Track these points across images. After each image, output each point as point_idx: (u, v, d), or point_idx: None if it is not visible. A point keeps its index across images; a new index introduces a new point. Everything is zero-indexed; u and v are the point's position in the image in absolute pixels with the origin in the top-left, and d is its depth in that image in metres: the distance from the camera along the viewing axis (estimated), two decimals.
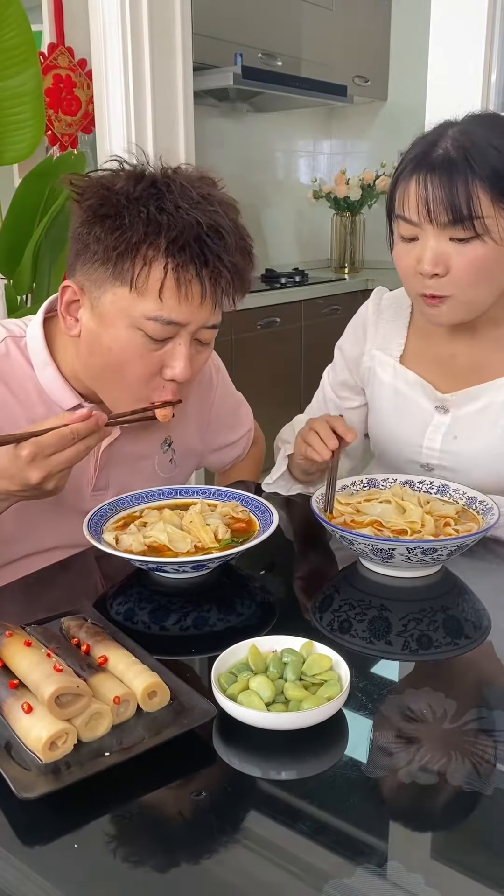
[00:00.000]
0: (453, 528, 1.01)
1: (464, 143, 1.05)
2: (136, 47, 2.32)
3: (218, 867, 0.59)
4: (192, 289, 0.99)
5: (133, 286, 0.98)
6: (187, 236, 0.96)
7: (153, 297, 0.98)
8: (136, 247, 0.97)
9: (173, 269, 0.97)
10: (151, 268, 0.97)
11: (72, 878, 0.58)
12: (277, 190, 4.33)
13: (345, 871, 0.57)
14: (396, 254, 1.15)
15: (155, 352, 1.02)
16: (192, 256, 0.97)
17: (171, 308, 0.99)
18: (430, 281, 1.09)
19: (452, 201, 1.03)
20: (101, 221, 0.98)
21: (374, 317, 1.34)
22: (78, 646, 0.80)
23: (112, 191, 0.99)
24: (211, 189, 1.03)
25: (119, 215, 0.97)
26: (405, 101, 4.18)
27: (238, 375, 1.20)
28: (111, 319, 1.01)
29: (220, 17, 3.22)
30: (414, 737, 0.72)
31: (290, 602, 1.01)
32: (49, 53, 2.52)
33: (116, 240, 0.97)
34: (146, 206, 0.97)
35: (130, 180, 0.99)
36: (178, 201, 0.98)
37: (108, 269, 0.99)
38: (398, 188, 1.10)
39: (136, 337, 1.01)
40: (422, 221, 1.07)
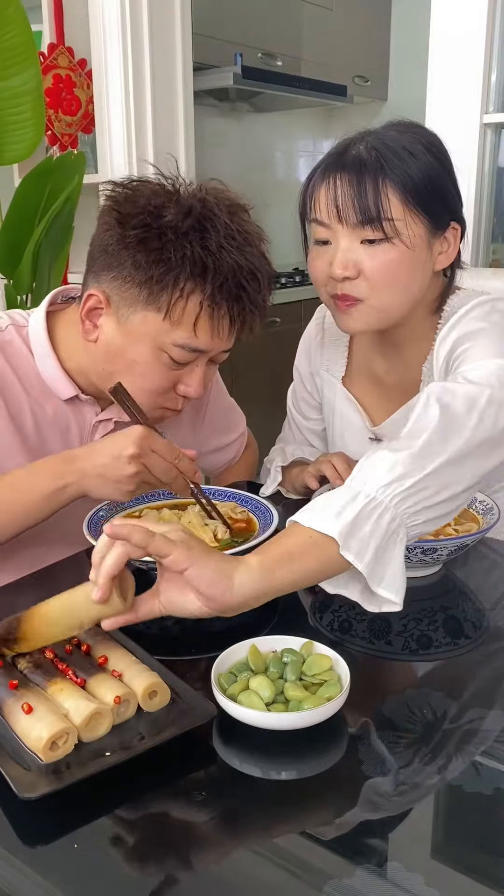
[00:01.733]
0: (453, 528, 1.01)
1: (376, 146, 1.03)
2: (136, 47, 2.32)
3: (218, 867, 0.59)
4: (223, 324, 1.03)
5: (168, 315, 1.01)
6: (228, 283, 1.01)
7: (187, 328, 1.02)
8: (177, 281, 0.99)
9: (209, 305, 1.01)
10: (188, 301, 1.00)
11: (72, 878, 0.58)
12: (277, 190, 4.32)
13: (345, 871, 0.57)
14: (310, 258, 1.12)
15: (174, 371, 1.06)
16: (229, 297, 1.02)
17: (202, 340, 1.03)
18: (343, 283, 1.06)
19: (361, 201, 1.01)
20: (147, 253, 0.99)
21: (318, 338, 1.33)
22: (78, 646, 0.80)
23: (159, 222, 0.99)
24: (248, 224, 1.06)
25: (164, 249, 0.99)
26: (405, 101, 4.17)
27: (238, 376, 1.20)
28: (138, 338, 1.04)
29: (220, 17, 3.21)
30: (414, 737, 0.72)
31: (290, 602, 1.01)
32: (49, 53, 2.52)
33: (160, 273, 0.99)
34: (191, 243, 0.99)
35: (179, 214, 1.00)
36: (222, 241, 1.00)
37: (142, 294, 1.01)
38: (310, 190, 1.09)
39: (160, 357, 1.04)
40: (332, 222, 1.05)
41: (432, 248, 1.06)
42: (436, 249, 1.07)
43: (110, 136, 2.42)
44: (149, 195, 1.02)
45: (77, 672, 0.74)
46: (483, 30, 1.92)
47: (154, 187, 1.04)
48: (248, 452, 1.51)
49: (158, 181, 1.05)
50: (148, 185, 1.04)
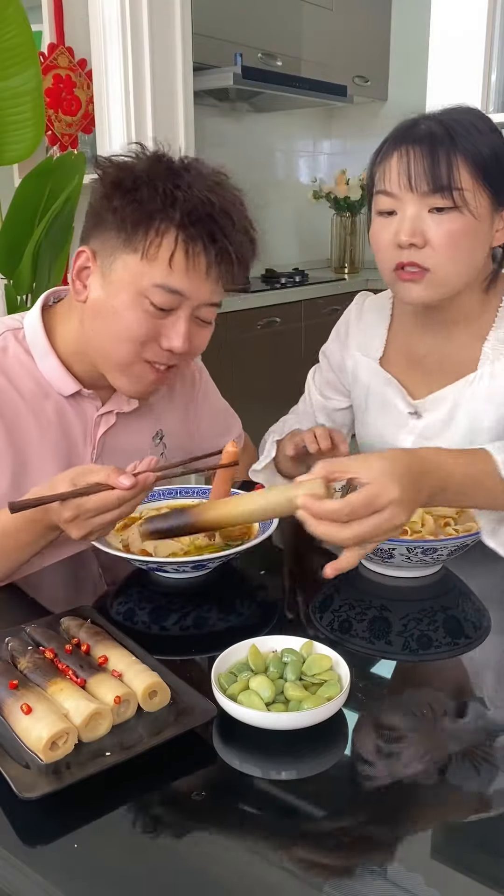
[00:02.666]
0: (453, 528, 1.01)
1: (444, 120, 1.08)
2: (136, 47, 2.32)
3: (218, 867, 0.59)
4: (199, 261, 1.03)
5: (144, 255, 1.03)
6: (200, 212, 1.02)
7: (163, 265, 1.03)
8: (151, 217, 1.02)
9: (184, 240, 1.02)
10: (163, 238, 1.02)
11: (72, 878, 0.58)
12: (277, 190, 4.33)
13: (345, 871, 0.57)
14: (373, 230, 1.15)
15: (157, 320, 1.06)
16: (202, 232, 1.02)
17: (178, 277, 1.03)
18: (409, 251, 1.09)
19: (434, 169, 1.06)
20: (121, 195, 1.03)
21: (356, 319, 1.35)
22: (78, 646, 0.80)
23: (133, 169, 1.05)
24: (224, 178, 1.09)
25: (137, 189, 1.03)
26: (405, 101, 4.15)
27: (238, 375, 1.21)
28: (120, 285, 1.05)
29: (220, 17, 3.21)
30: (414, 737, 0.72)
31: (290, 602, 1.01)
32: (49, 53, 2.52)
33: (133, 211, 1.02)
34: (164, 183, 1.03)
35: (154, 163, 1.06)
36: (194, 182, 1.04)
37: (121, 238, 1.04)
38: (378, 165, 1.13)
39: (141, 304, 1.05)
40: (402, 191, 1.08)
41: (493, 223, 1.11)
42: (495, 225, 1.12)
43: (110, 136, 2.42)
44: (128, 154, 1.08)
45: (77, 672, 0.74)
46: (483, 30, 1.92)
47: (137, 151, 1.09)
48: (245, 455, 1.51)
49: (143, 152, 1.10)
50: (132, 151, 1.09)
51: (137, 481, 0.90)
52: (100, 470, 0.91)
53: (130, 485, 0.89)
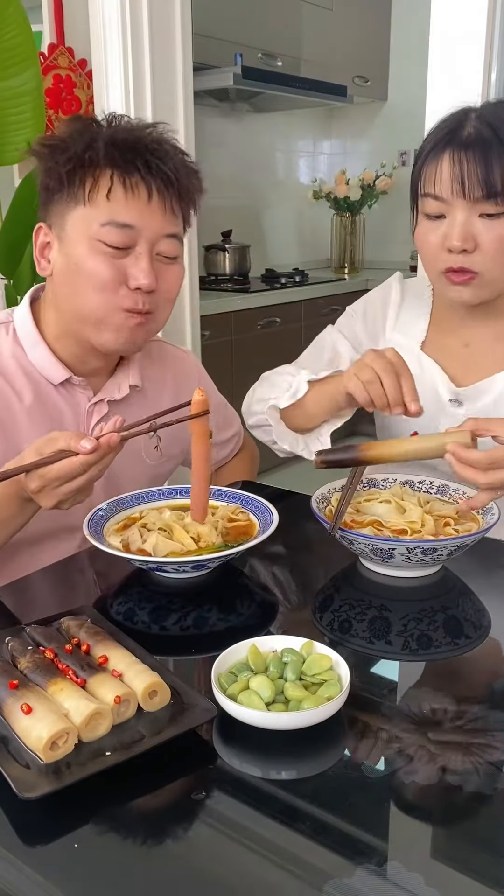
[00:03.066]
0: (453, 528, 1.01)
1: (492, 122, 1.08)
2: (136, 47, 2.32)
3: (218, 867, 0.59)
4: (139, 189, 1.06)
5: (87, 201, 1.06)
6: (127, 141, 1.06)
7: (104, 203, 1.06)
8: (81, 161, 1.05)
9: (118, 175, 1.05)
10: (99, 179, 1.06)
11: (72, 878, 0.58)
12: (277, 190, 4.33)
13: (345, 871, 0.57)
14: (420, 233, 1.15)
15: (118, 260, 1.08)
16: (134, 160, 1.05)
17: (120, 209, 1.06)
18: (458, 256, 1.10)
19: (487, 176, 1.06)
20: (52, 154, 1.08)
21: (399, 301, 1.34)
22: (78, 646, 0.80)
23: (61, 133, 1.09)
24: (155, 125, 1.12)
25: (64, 142, 1.08)
26: (405, 101, 4.18)
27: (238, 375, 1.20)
28: (75, 241, 1.08)
29: (220, 17, 3.22)
30: (414, 737, 0.72)
31: (290, 602, 1.01)
32: (49, 53, 2.52)
33: (65, 162, 1.06)
34: (86, 128, 1.09)
35: (74, 121, 1.12)
36: (118, 122, 1.10)
37: (64, 196, 1.07)
38: (427, 167, 1.12)
39: (98, 248, 1.07)
40: (453, 197, 1.09)
41: None
42: None
43: None
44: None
45: (77, 672, 0.74)
46: (483, 30, 1.92)
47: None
48: (246, 452, 1.51)
49: None
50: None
51: (99, 444, 0.90)
52: (61, 436, 0.91)
53: (91, 448, 0.89)
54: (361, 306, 1.39)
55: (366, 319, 1.36)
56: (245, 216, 4.08)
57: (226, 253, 3.70)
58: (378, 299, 1.37)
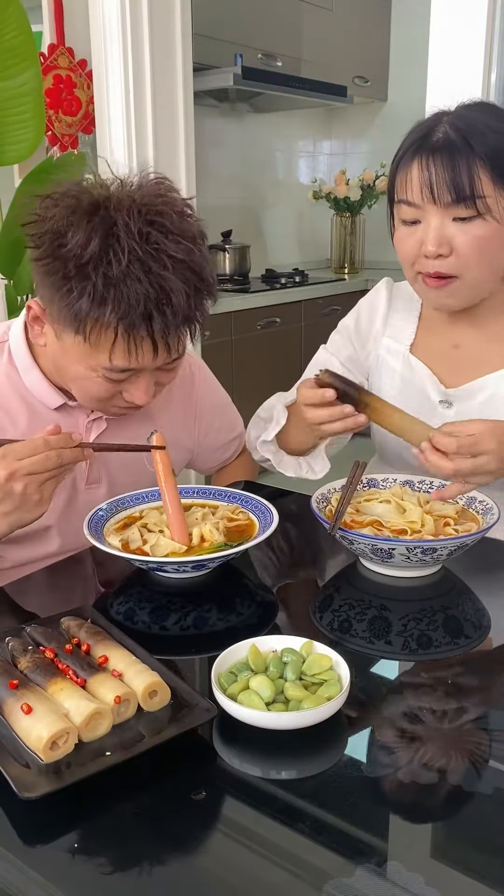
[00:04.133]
0: (453, 528, 1.01)
1: (460, 126, 1.08)
2: (136, 47, 2.32)
3: (218, 867, 0.59)
4: (144, 346, 1.00)
5: (87, 340, 0.99)
6: (134, 311, 0.96)
7: (105, 353, 1.00)
8: (86, 314, 0.97)
9: (123, 332, 0.97)
10: (102, 329, 0.98)
11: (72, 877, 0.58)
12: (277, 190, 4.33)
13: (345, 871, 0.57)
14: (398, 238, 1.16)
15: (115, 382, 1.05)
16: (142, 321, 0.97)
17: (124, 361, 1.01)
18: (435, 261, 1.11)
19: (455, 181, 1.06)
20: (52, 283, 0.98)
21: (387, 305, 1.34)
22: (78, 646, 0.80)
23: (62, 251, 0.96)
24: (164, 239, 0.97)
25: (66, 280, 0.96)
26: (405, 101, 4.18)
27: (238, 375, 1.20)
28: (71, 356, 1.04)
29: (220, 17, 3.22)
30: (414, 737, 0.72)
31: (290, 602, 1.01)
32: (49, 54, 2.52)
33: (67, 305, 0.97)
34: (94, 273, 0.95)
35: (80, 241, 0.95)
36: (127, 268, 0.95)
37: (62, 317, 0.99)
38: (399, 173, 1.13)
39: (95, 374, 1.04)
40: (425, 203, 1.09)
41: None
42: None
43: (110, 136, 2.42)
44: (57, 217, 0.98)
45: (77, 672, 0.74)
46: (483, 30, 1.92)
47: (69, 202, 0.99)
48: (247, 453, 1.51)
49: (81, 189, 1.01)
50: (65, 200, 0.99)
51: (61, 429, 0.96)
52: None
53: (52, 430, 0.95)
54: (352, 318, 1.39)
55: (357, 330, 1.37)
56: (245, 216, 4.08)
57: (226, 253, 3.70)
58: (367, 307, 1.37)
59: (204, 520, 1.05)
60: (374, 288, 1.39)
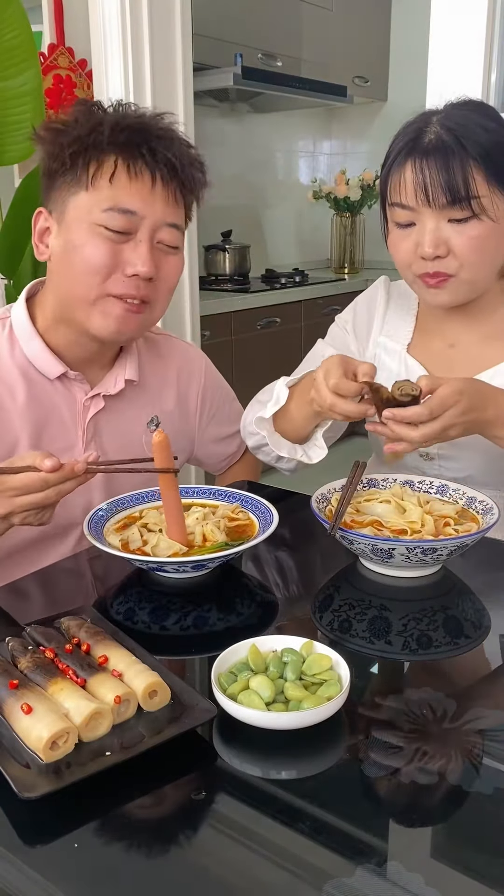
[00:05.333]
0: (453, 528, 1.01)
1: (452, 127, 1.08)
2: (136, 47, 2.32)
3: (218, 867, 0.59)
4: (143, 175, 1.06)
5: (89, 185, 1.06)
6: (132, 126, 1.07)
7: (107, 188, 1.06)
8: (84, 145, 1.05)
9: (123, 160, 1.05)
10: (102, 163, 1.06)
11: (72, 878, 0.58)
12: (277, 190, 4.33)
13: (345, 871, 0.57)
14: (393, 241, 1.16)
15: (116, 245, 1.07)
16: (139, 145, 1.06)
17: (123, 195, 1.06)
18: (433, 262, 1.11)
19: (450, 183, 1.06)
20: (55, 138, 1.07)
21: (384, 304, 1.34)
22: (78, 646, 0.80)
23: (66, 124, 1.08)
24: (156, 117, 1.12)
25: (68, 126, 1.08)
26: (405, 101, 4.17)
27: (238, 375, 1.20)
28: (74, 224, 1.08)
29: (220, 17, 3.22)
30: (414, 737, 0.72)
31: (290, 602, 1.01)
32: (49, 53, 2.52)
33: (68, 145, 1.06)
34: (90, 111, 1.09)
35: (78, 106, 1.10)
36: (125, 110, 1.10)
37: (66, 180, 1.07)
38: (392, 177, 1.12)
39: (98, 232, 1.07)
40: (420, 206, 1.09)
41: None
42: None
43: None
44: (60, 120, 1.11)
45: (77, 672, 0.74)
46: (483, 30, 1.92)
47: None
48: (251, 455, 1.50)
49: None
50: None
51: (62, 466, 0.93)
52: (33, 455, 0.94)
53: (51, 467, 0.92)
54: (349, 313, 1.39)
55: (355, 325, 1.37)
56: (245, 216, 4.08)
57: (226, 253, 3.70)
58: (364, 304, 1.37)
59: (205, 520, 1.05)
60: (371, 285, 1.39)
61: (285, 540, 1.16)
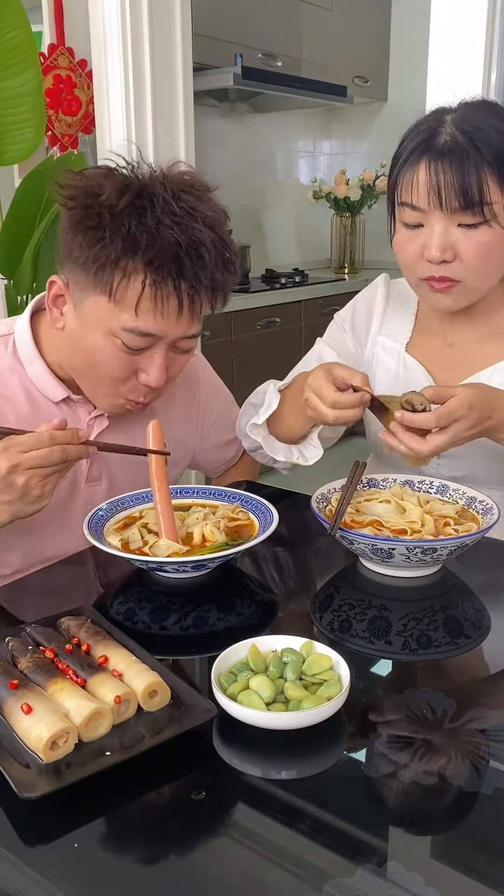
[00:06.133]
0: (453, 528, 1.01)
1: (467, 129, 1.06)
2: (136, 47, 2.32)
3: (218, 867, 0.59)
4: (170, 303, 1.00)
5: (112, 297, 1.00)
6: (165, 256, 0.98)
7: (130, 309, 1.01)
8: (115, 262, 0.99)
9: (151, 283, 0.99)
10: (130, 280, 0.99)
11: (72, 878, 0.58)
12: (277, 190, 4.33)
13: (345, 871, 0.57)
14: (399, 241, 1.14)
15: (131, 356, 1.05)
16: (170, 273, 0.99)
17: (147, 321, 1.01)
18: (438, 266, 1.10)
19: (464, 187, 1.04)
20: (84, 232, 1.00)
21: (384, 303, 1.34)
22: (78, 646, 0.80)
23: (96, 202, 0.99)
24: (197, 202, 1.02)
25: (100, 228, 0.98)
26: (405, 101, 4.17)
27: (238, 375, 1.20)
28: (91, 324, 1.04)
29: (220, 17, 3.22)
30: (414, 737, 0.72)
31: (290, 602, 1.01)
32: (49, 54, 2.52)
33: (96, 253, 0.99)
34: (128, 221, 0.98)
35: (116, 191, 0.99)
36: (161, 217, 0.98)
37: (89, 277, 1.01)
38: (403, 176, 1.10)
39: (113, 344, 1.03)
40: (431, 208, 1.07)
41: None
42: None
43: (110, 136, 2.42)
44: (91, 177, 1.02)
45: (77, 672, 0.74)
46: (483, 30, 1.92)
47: (101, 170, 1.04)
48: (248, 456, 1.50)
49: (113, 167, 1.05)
50: (98, 170, 1.05)
51: (67, 423, 0.96)
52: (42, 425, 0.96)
53: (59, 423, 0.95)
54: (349, 311, 1.39)
55: (353, 324, 1.36)
56: (245, 216, 4.08)
57: None
58: (364, 303, 1.37)
59: (205, 520, 1.05)
60: (371, 284, 1.38)
61: (285, 540, 1.16)
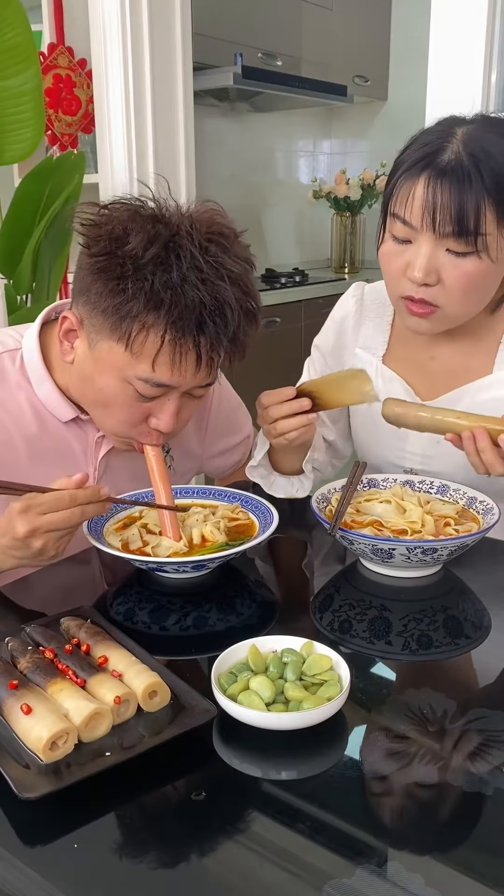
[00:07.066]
0: (453, 528, 1.01)
1: (475, 151, 1.00)
2: (136, 47, 2.32)
3: (218, 867, 0.59)
4: (188, 358, 0.98)
5: (129, 347, 0.98)
6: (188, 315, 0.95)
7: (147, 361, 0.98)
8: (136, 316, 0.96)
9: (171, 340, 0.96)
10: (149, 334, 0.97)
11: (72, 878, 0.58)
12: (277, 190, 4.33)
13: (345, 871, 0.57)
14: (385, 252, 1.10)
15: (144, 403, 1.03)
16: (192, 331, 0.96)
17: (163, 374, 0.99)
18: (419, 287, 1.06)
19: (460, 213, 0.99)
20: (105, 282, 0.97)
21: (357, 315, 1.30)
22: (78, 646, 0.80)
23: (121, 250, 0.96)
24: (224, 255, 0.98)
25: (123, 279, 0.95)
26: (405, 101, 4.17)
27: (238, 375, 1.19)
28: (105, 367, 1.02)
29: (220, 17, 3.21)
30: (414, 737, 0.72)
31: (290, 602, 1.01)
32: (49, 53, 2.52)
33: (116, 305, 0.96)
34: (151, 276, 0.94)
35: (142, 243, 0.95)
36: (186, 273, 0.95)
37: (106, 323, 0.98)
38: (400, 187, 1.05)
39: (126, 390, 1.02)
40: (423, 228, 1.03)
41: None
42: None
43: (110, 136, 2.42)
44: (116, 220, 0.98)
45: (77, 672, 0.74)
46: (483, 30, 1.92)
47: (127, 211, 0.99)
48: None
49: (139, 202, 1.01)
50: (123, 207, 1.00)
51: (88, 478, 0.94)
52: (57, 483, 0.94)
53: (80, 479, 0.92)
54: (322, 338, 1.36)
55: (328, 351, 1.34)
56: (245, 216, 4.07)
57: None
58: (334, 326, 1.33)
59: (205, 520, 1.05)
60: (340, 298, 1.35)
61: (285, 540, 1.16)
